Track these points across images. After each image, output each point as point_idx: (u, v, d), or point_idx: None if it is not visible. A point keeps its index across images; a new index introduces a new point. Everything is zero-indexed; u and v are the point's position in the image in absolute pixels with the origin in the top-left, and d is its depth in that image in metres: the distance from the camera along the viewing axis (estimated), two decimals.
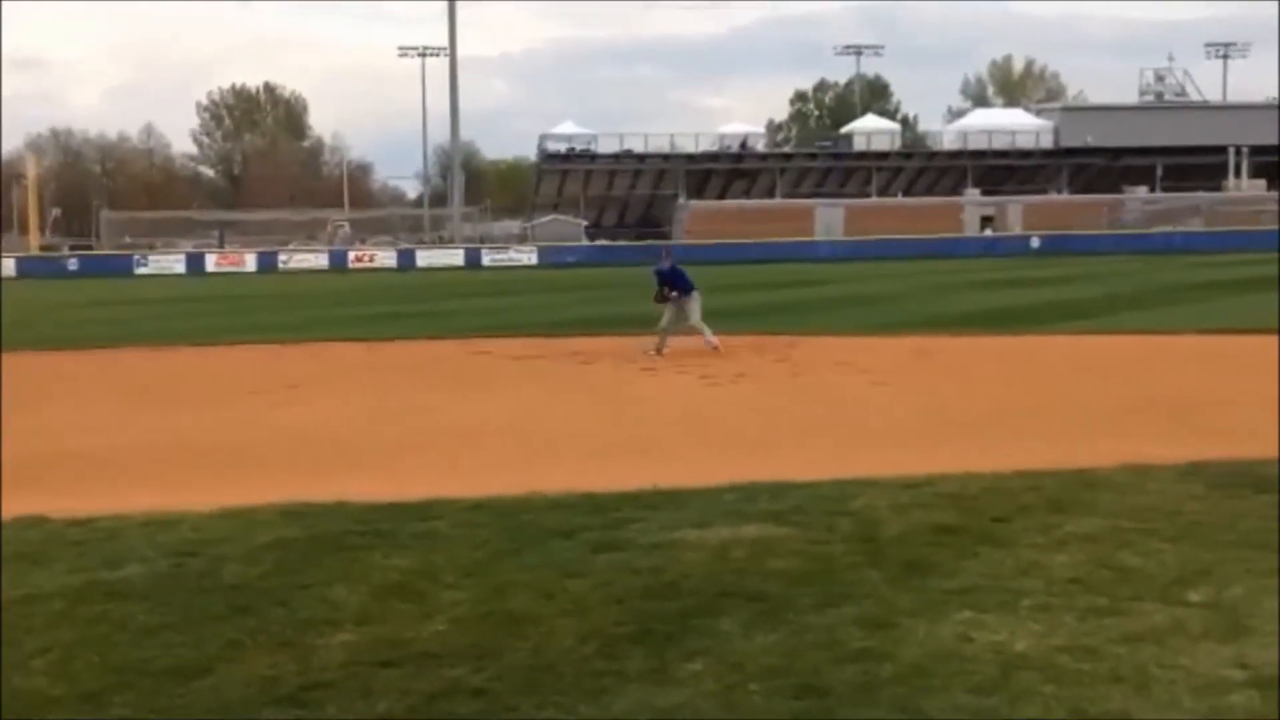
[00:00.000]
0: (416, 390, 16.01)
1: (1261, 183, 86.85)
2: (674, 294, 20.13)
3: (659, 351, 19.32)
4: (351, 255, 72.50)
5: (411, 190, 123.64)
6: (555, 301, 36.42)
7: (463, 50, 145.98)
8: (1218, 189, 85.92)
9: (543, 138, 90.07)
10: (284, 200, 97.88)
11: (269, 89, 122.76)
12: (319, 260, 71.40)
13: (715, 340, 19.55)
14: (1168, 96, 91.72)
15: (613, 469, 9.81)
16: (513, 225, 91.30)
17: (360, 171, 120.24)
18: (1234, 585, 6.21)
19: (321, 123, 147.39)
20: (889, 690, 4.97)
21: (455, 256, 71.98)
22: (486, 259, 71.36)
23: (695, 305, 20.15)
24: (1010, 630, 5.61)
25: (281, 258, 71.28)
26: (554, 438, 12.06)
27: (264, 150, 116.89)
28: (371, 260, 71.47)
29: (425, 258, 72.09)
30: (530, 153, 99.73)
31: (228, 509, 8.26)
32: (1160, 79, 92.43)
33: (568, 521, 7.73)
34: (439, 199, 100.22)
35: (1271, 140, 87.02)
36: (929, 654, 5.34)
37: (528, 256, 72.13)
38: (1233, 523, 7.42)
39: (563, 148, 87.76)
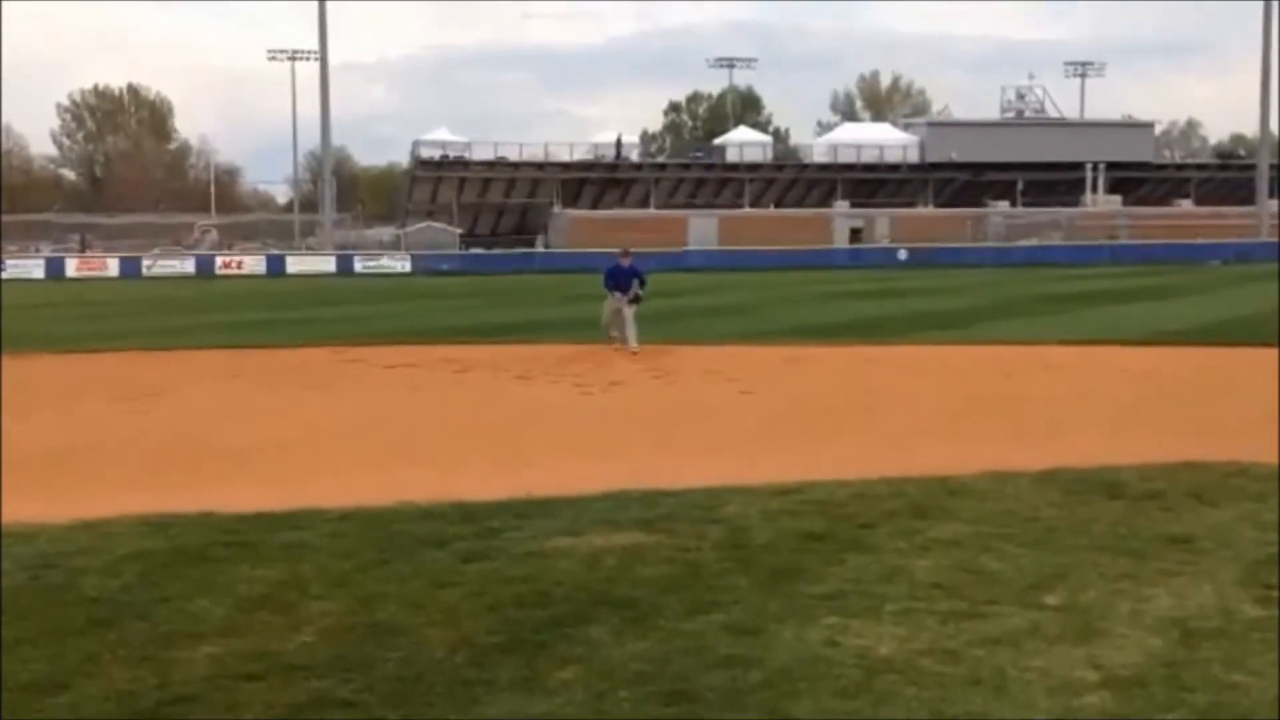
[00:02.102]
0: (285, 399, 15.74)
1: (1117, 198, 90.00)
2: (620, 290, 21.40)
3: (613, 342, 20.86)
4: (219, 261, 70.96)
5: (282, 195, 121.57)
6: (429, 309, 36.12)
7: (338, 55, 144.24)
8: (1076, 204, 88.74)
9: (416, 144, 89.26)
10: (149, 204, 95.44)
11: (133, 90, 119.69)
12: (185, 266, 69.69)
13: (637, 346, 20.62)
14: (1028, 114, 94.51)
15: (485, 477, 9.78)
16: (385, 232, 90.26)
17: (228, 176, 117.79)
18: (1087, 589, 6.42)
19: (188, 125, 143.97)
20: (757, 695, 5.04)
21: (326, 263, 70.91)
22: (358, 266, 70.45)
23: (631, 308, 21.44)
24: (875, 634, 5.73)
25: (145, 263, 69.43)
26: (426, 446, 11.97)
27: (128, 152, 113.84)
28: (240, 266, 70.02)
29: (295, 264, 70.88)
30: (404, 159, 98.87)
31: (87, 520, 8.04)
32: (1021, 96, 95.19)
33: (439, 531, 7.68)
34: (310, 205, 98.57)
35: (1126, 157, 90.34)
36: (796, 659, 5.42)
37: (401, 264, 71.40)
38: (1086, 528, 7.68)
39: (436, 154, 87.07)
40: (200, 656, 5.54)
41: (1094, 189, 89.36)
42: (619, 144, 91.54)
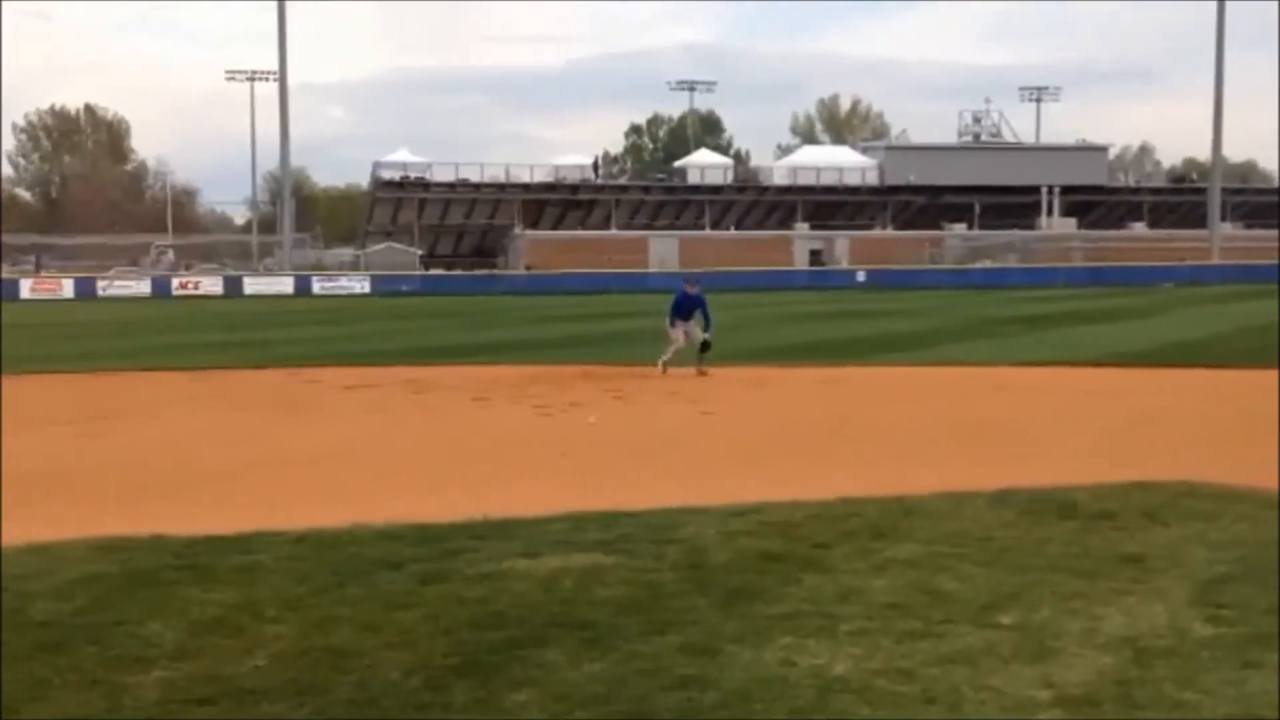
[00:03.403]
0: (241, 421, 15.63)
1: (1071, 221, 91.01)
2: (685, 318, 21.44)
3: (665, 367, 20.54)
4: (175, 282, 70.49)
5: (240, 216, 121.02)
6: (388, 330, 35.99)
7: (297, 76, 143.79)
8: (1031, 227, 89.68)
9: (376, 165, 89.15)
10: (105, 225, 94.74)
11: (90, 110, 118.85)
12: (141, 287, 69.19)
13: (661, 366, 20.65)
14: (985, 138, 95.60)
15: (442, 499, 9.74)
16: (345, 253, 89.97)
17: (186, 196, 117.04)
18: (1041, 608, 6.46)
19: (145, 146, 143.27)
20: (713, 716, 5.04)
21: (285, 284, 70.57)
22: (317, 287, 70.16)
23: (696, 328, 21.41)
24: (830, 654, 5.74)
25: (101, 284, 68.86)
26: (383, 468, 11.90)
27: (84, 173, 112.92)
28: (196, 287, 69.56)
29: (253, 285, 70.50)
30: (364, 180, 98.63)
31: (38, 543, 7.95)
32: (978, 120, 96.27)
33: (395, 553, 7.64)
34: (268, 225, 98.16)
35: (1081, 180, 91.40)
36: (752, 679, 5.43)
37: (360, 285, 71.15)
38: (1040, 547, 7.73)
39: (397, 175, 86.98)
40: (151, 681, 5.48)
41: (1049, 212, 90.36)
42: (597, 164, 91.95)
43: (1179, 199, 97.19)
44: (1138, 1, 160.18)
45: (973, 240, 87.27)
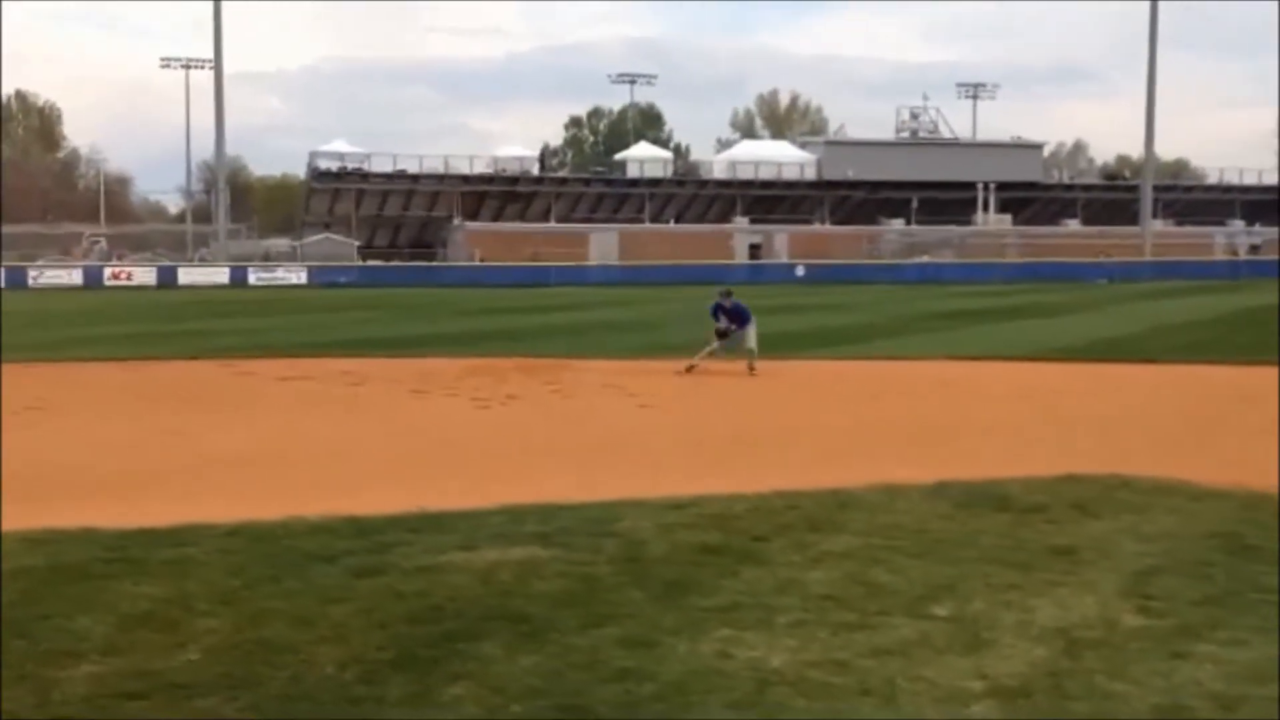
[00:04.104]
0: (174, 412, 15.40)
1: (1007, 217, 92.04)
2: (733, 328, 20.50)
3: (690, 368, 19.75)
4: (108, 272, 69.35)
5: (174, 206, 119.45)
6: (325, 322, 35.67)
7: (235, 65, 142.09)
8: (967, 223, 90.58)
9: (313, 155, 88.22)
10: (36, 214, 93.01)
11: (20, 97, 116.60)
12: (73, 277, 68.02)
13: (698, 361, 19.91)
14: (922, 134, 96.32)
15: (378, 492, 9.65)
16: (281, 243, 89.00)
17: (119, 185, 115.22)
18: (975, 599, 6.53)
19: (78, 134, 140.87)
20: (649, 708, 5.04)
21: (220, 274, 69.71)
22: (253, 278, 69.36)
23: (752, 332, 20.40)
24: (767, 646, 5.77)
25: (31, 274, 67.60)
26: (318, 460, 11.80)
27: (14, 161, 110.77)
28: (129, 278, 68.50)
29: (187, 276, 69.58)
30: (300, 170, 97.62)
31: None
32: (915, 117, 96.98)
33: (329, 546, 7.57)
34: (203, 215, 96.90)
35: (1016, 177, 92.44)
36: (689, 671, 5.44)
37: (296, 276, 70.44)
38: (974, 539, 7.81)
39: (334, 166, 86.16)
40: (81, 675, 5.39)
41: (985, 208, 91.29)
42: (544, 155, 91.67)
43: (1112, 196, 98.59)
44: (1073, 1, 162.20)
45: (910, 236, 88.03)
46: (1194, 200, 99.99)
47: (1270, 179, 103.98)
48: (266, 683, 5.30)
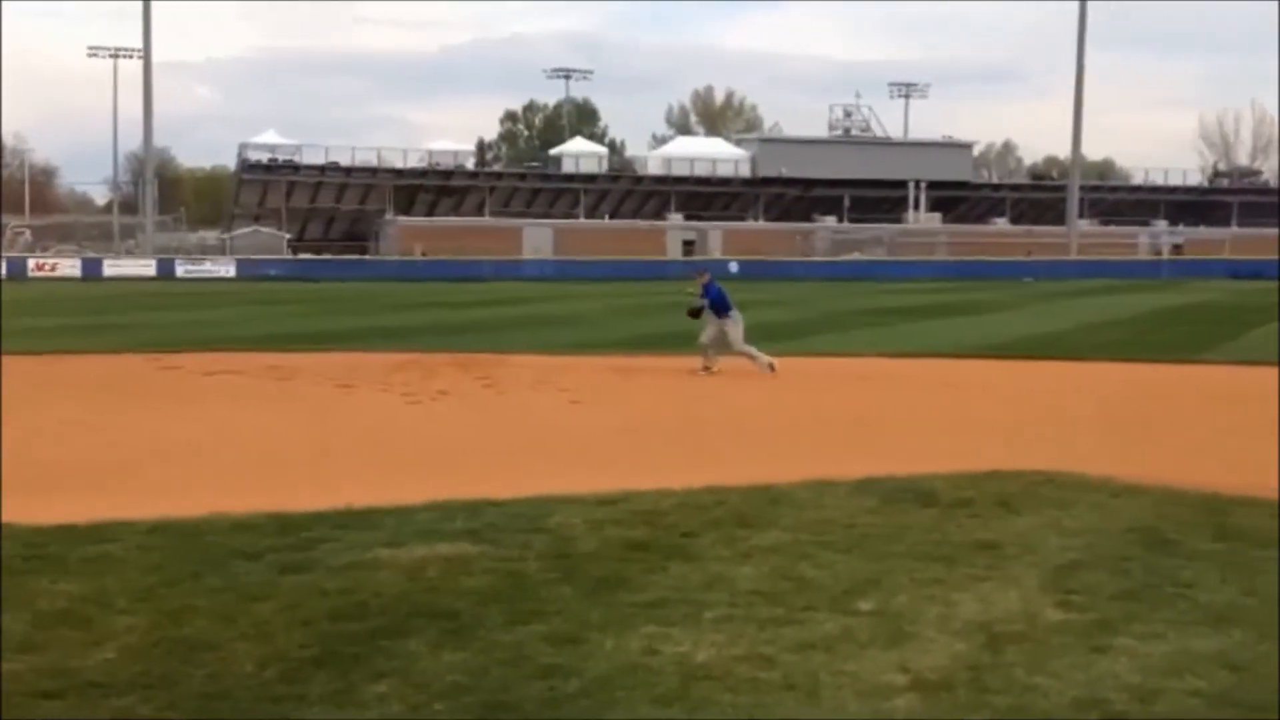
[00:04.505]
0: (97, 407, 15.15)
1: (937, 216, 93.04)
2: (704, 310, 19.58)
3: (707, 369, 19.01)
4: (31, 263, 68.06)
5: (101, 197, 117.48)
6: (253, 315, 35.25)
7: (164, 54, 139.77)
8: (899, 221, 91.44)
9: (243, 146, 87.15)
10: None
11: None
12: None
13: (768, 360, 18.60)
14: (855, 132, 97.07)
15: (305, 488, 9.56)
16: (210, 236, 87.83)
17: (44, 176, 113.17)
18: (900, 594, 6.58)
19: (2, 123, 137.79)
20: (574, 704, 5.03)
21: (147, 267, 68.67)
22: (180, 270, 68.39)
23: (735, 328, 19.20)
24: (693, 642, 5.77)
25: None
26: (244, 456, 11.65)
27: None
28: (53, 269, 67.29)
29: (113, 268, 68.46)
30: (230, 162, 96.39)
31: None
32: (848, 115, 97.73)
33: (253, 543, 7.47)
34: (130, 207, 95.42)
35: (946, 176, 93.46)
36: (615, 667, 5.43)
37: (225, 268, 69.58)
38: (900, 534, 7.87)
39: (265, 157, 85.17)
40: None
41: (916, 206, 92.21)
42: (482, 149, 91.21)
43: (1039, 196, 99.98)
44: (1004, 1, 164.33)
45: (842, 233, 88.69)
46: (1119, 200, 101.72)
47: (1194, 179, 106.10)
48: (184, 681, 5.22)
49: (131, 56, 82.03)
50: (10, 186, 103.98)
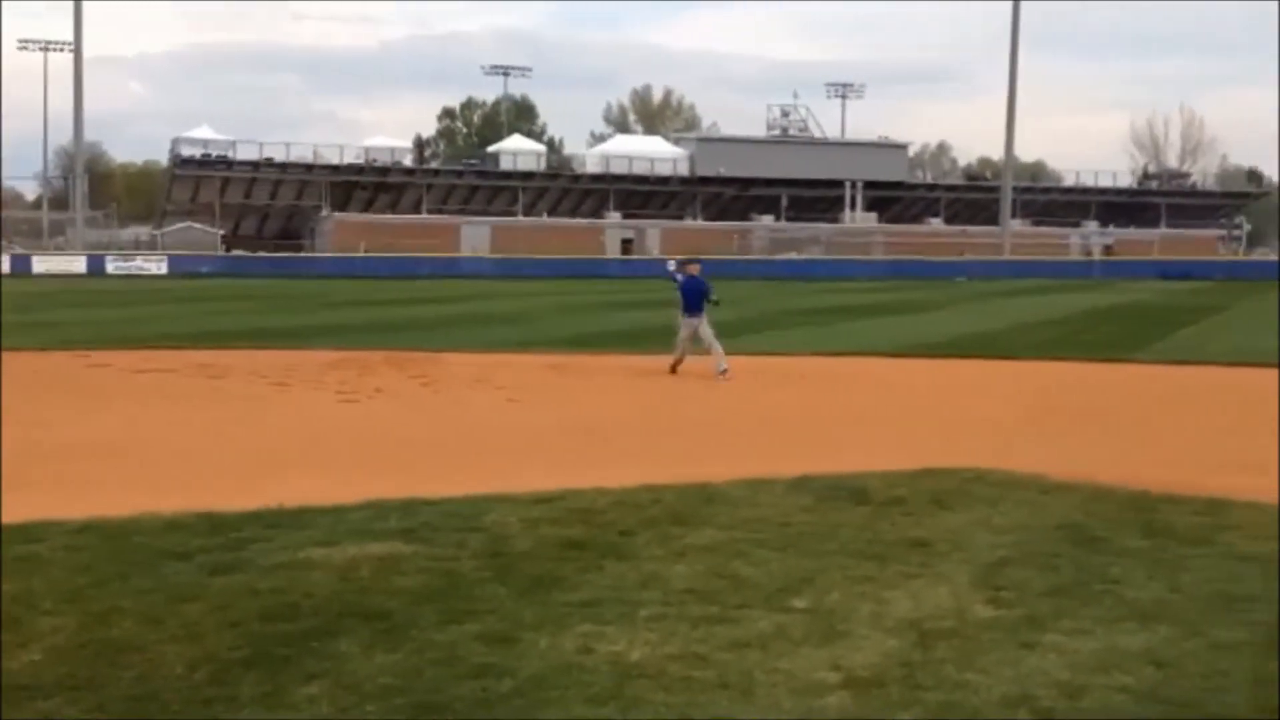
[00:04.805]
0: (21, 405, 14.87)
1: (873, 216, 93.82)
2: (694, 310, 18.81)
3: (675, 369, 18.73)
4: None
5: (30, 192, 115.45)
6: (185, 313, 34.79)
7: (96, 49, 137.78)
8: (836, 220, 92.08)
9: (176, 141, 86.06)
10: None
11: None
12: None
13: (725, 364, 18.22)
14: (792, 132, 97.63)
15: (236, 487, 9.45)
16: (142, 232, 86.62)
17: None
18: (833, 591, 6.62)
19: None
20: (507, 704, 5.01)
21: (76, 263, 67.62)
22: (111, 267, 67.40)
23: (705, 325, 18.86)
24: (628, 640, 5.77)
25: None
26: (174, 455, 11.49)
27: None
28: None
29: (42, 264, 67.33)
30: (163, 157, 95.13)
31: None
32: (786, 115, 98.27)
33: (183, 543, 7.37)
34: (60, 202, 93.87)
35: (882, 176, 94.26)
36: (549, 666, 5.42)
37: (157, 265, 68.67)
38: (834, 532, 7.92)
39: (198, 153, 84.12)
40: None
41: (853, 206, 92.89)
42: (422, 145, 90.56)
43: (973, 196, 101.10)
44: (938, 2, 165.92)
45: (779, 232, 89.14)
46: (1051, 201, 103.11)
47: (1124, 181, 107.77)
48: (112, 683, 5.14)
49: (62, 50, 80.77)
50: None
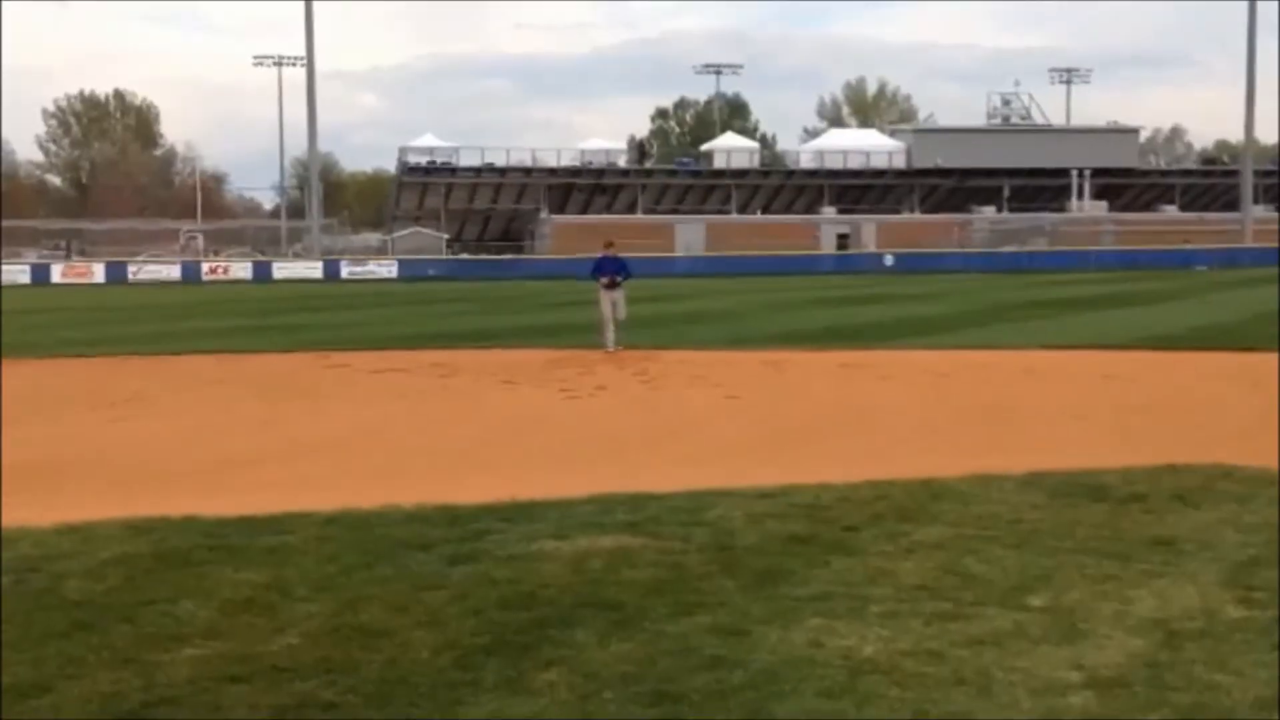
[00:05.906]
0: (270, 404, 15.71)
1: (1102, 204, 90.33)
2: (618, 279, 21.90)
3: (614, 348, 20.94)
4: (205, 267, 70.90)
5: (268, 202, 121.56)
6: (415, 315, 36.09)
7: (329, 63, 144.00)
8: (1061, 210, 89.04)
9: (403, 150, 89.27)
10: (134, 210, 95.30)
11: (119, 96, 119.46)
12: (171, 272, 69.64)
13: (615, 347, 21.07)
14: (1014, 120, 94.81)
15: (471, 481, 9.76)
16: (372, 238, 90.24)
17: (214, 182, 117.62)
18: (1071, 590, 6.43)
19: (174, 131, 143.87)
20: (740, 696, 5.04)
21: (313, 269, 70.89)
22: (345, 271, 70.44)
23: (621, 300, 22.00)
24: (859, 635, 5.73)
25: (131, 269, 69.33)
26: (411, 451, 11.95)
27: (113, 159, 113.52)
28: (226, 272, 69.99)
29: (282, 270, 70.84)
30: (391, 165, 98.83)
31: (70, 524, 8.00)
32: (1006, 103, 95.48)
33: (424, 534, 7.66)
34: (297, 211, 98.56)
35: (1111, 163, 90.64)
36: (780, 660, 5.42)
37: (387, 269, 71.43)
38: (1070, 530, 7.69)
39: (424, 160, 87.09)
40: (184, 658, 5.52)
41: (1079, 195, 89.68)
42: (643, 146, 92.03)
43: (1210, 181, 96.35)
44: None
45: (1001, 224, 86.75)
46: None
47: None
48: (364, 667, 5.39)
49: (295, 64, 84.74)
50: (182, 193, 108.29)
